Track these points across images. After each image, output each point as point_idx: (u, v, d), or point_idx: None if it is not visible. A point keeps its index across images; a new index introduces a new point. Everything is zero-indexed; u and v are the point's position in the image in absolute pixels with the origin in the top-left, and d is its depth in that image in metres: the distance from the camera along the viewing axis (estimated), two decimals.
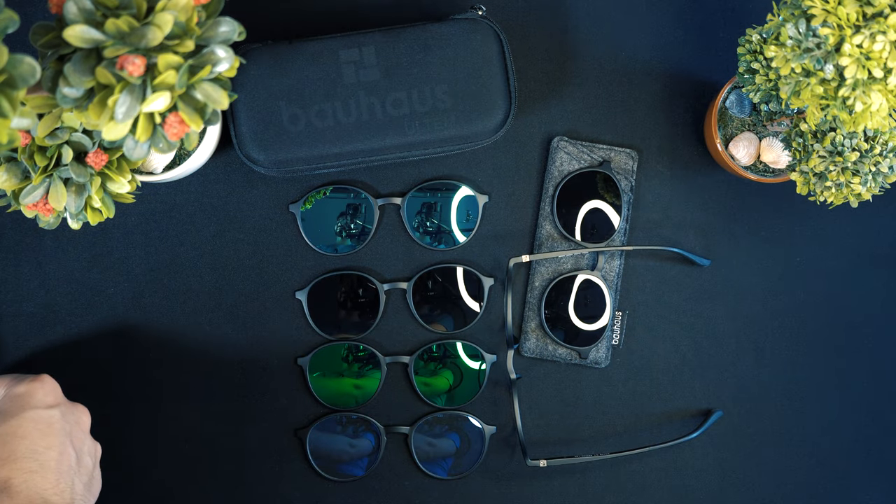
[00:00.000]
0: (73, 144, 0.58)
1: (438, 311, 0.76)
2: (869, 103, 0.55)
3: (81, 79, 0.47)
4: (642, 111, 0.77)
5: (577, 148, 0.76)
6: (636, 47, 0.77)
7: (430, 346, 0.76)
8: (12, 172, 0.58)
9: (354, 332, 0.75)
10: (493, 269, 0.76)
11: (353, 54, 0.70)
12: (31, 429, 0.61)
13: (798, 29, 0.56)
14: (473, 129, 0.71)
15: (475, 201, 0.76)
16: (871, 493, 0.78)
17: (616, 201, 0.76)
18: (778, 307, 0.78)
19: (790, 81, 0.58)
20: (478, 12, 0.72)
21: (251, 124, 0.69)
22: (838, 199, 0.65)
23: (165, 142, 0.52)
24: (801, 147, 0.66)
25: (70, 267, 0.74)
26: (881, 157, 0.63)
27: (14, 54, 0.43)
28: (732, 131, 0.73)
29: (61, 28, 0.47)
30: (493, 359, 0.76)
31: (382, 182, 0.76)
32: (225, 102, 0.52)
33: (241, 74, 0.69)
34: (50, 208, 0.58)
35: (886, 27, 0.52)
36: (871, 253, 0.78)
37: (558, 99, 0.77)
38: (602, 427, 0.77)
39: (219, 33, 0.51)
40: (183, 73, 0.48)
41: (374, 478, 0.76)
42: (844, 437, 0.78)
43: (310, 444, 0.75)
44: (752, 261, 0.78)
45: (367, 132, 0.70)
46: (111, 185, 0.60)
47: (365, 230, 0.75)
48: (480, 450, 0.75)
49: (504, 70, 0.71)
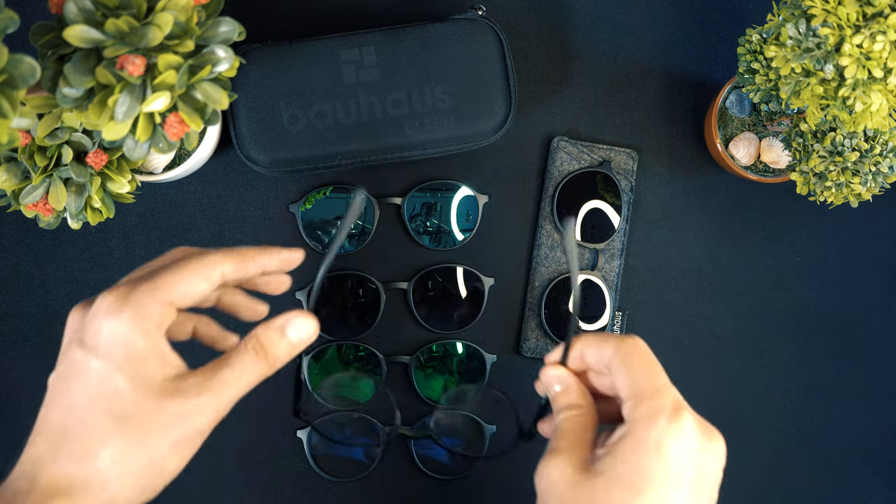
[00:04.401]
0: (73, 144, 0.58)
1: (438, 311, 0.76)
2: (869, 103, 0.55)
3: (81, 79, 0.47)
4: (642, 111, 0.77)
5: (577, 148, 0.76)
6: (636, 47, 0.77)
7: (430, 346, 0.76)
8: (12, 172, 0.58)
9: (354, 332, 0.75)
10: (493, 270, 0.76)
11: (353, 54, 0.70)
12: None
13: (798, 29, 0.56)
14: (473, 129, 0.71)
15: (475, 201, 0.76)
16: (871, 493, 0.78)
17: (616, 201, 0.76)
18: (778, 307, 0.78)
19: (790, 81, 0.58)
20: (478, 12, 0.72)
21: (251, 124, 0.69)
22: (838, 199, 0.65)
23: (165, 142, 0.52)
24: (801, 147, 0.66)
25: (70, 267, 0.75)
26: (881, 157, 0.63)
27: (14, 54, 0.43)
28: (732, 131, 0.73)
29: (61, 28, 0.47)
30: (493, 359, 0.76)
31: (382, 182, 0.76)
32: (225, 102, 0.52)
33: (241, 74, 0.69)
34: (50, 208, 0.58)
35: (886, 27, 0.52)
36: (871, 253, 0.78)
37: (558, 99, 0.77)
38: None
39: (219, 33, 0.51)
40: (183, 73, 0.48)
41: (374, 478, 0.76)
42: (844, 437, 0.78)
43: (310, 444, 0.75)
44: (752, 261, 0.78)
45: (367, 132, 0.70)
46: (111, 185, 0.60)
47: (365, 230, 0.75)
48: (480, 450, 0.75)
49: (504, 70, 0.71)
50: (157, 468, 0.45)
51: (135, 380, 0.44)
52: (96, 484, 0.43)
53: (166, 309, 0.46)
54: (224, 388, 0.46)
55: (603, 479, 0.45)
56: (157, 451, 0.44)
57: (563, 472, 0.46)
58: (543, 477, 0.47)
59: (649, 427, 0.45)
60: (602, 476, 0.45)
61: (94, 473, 0.43)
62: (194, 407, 0.45)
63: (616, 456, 0.45)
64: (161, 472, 0.45)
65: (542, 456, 0.48)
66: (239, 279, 0.50)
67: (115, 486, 0.44)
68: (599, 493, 0.45)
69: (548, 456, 0.47)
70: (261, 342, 0.48)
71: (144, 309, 0.45)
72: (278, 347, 0.48)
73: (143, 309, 0.45)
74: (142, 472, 0.44)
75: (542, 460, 0.48)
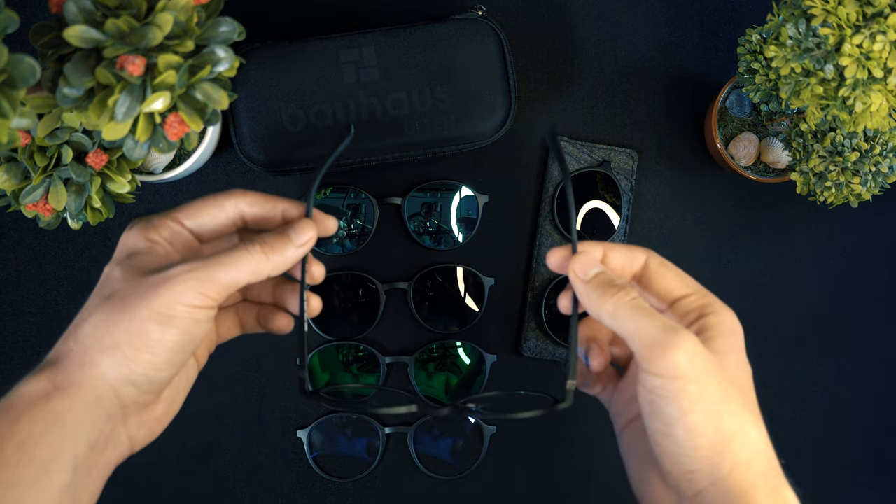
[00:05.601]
0: (73, 144, 0.58)
1: (438, 311, 0.76)
2: (869, 103, 0.55)
3: (81, 79, 0.47)
4: (642, 111, 0.77)
5: (577, 148, 0.76)
6: (636, 47, 0.77)
7: (430, 346, 0.76)
8: (12, 172, 0.58)
9: (354, 332, 0.75)
10: (493, 270, 0.76)
11: (353, 54, 0.70)
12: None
13: (798, 29, 0.56)
14: (473, 129, 0.71)
15: (475, 201, 0.76)
16: (871, 493, 0.78)
17: (616, 201, 0.76)
18: (778, 307, 0.78)
19: (790, 81, 0.58)
20: (478, 12, 0.72)
21: (251, 124, 0.69)
22: (838, 199, 0.65)
23: (165, 142, 0.52)
24: (801, 147, 0.66)
25: (70, 267, 0.74)
26: (881, 157, 0.63)
27: (14, 54, 0.43)
28: (732, 131, 0.73)
29: (61, 28, 0.47)
30: (493, 359, 0.76)
31: (382, 182, 0.76)
32: (225, 102, 0.52)
33: (241, 74, 0.69)
34: (50, 208, 0.58)
35: (886, 27, 0.52)
36: (871, 253, 0.78)
37: (558, 99, 0.77)
38: (602, 425, 0.77)
39: (219, 33, 0.51)
40: (183, 73, 0.48)
41: (374, 478, 0.76)
42: (844, 437, 0.78)
43: (310, 444, 0.75)
44: (751, 261, 0.78)
45: (367, 132, 0.70)
46: (111, 185, 0.60)
47: (365, 230, 0.75)
48: (480, 450, 0.75)
49: (504, 70, 0.71)
50: (139, 337, 0.46)
51: (126, 268, 0.48)
52: (78, 350, 0.47)
53: (175, 225, 0.51)
54: (211, 266, 0.47)
55: (720, 357, 0.47)
56: (135, 316, 0.46)
57: (697, 344, 0.46)
58: (681, 355, 0.44)
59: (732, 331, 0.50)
60: (717, 355, 0.47)
61: (76, 343, 0.47)
62: (173, 275, 0.47)
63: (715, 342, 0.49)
64: (146, 343, 0.46)
65: (646, 345, 0.45)
66: (256, 216, 0.53)
67: (96, 351, 0.46)
68: (729, 370, 0.48)
69: (671, 335, 0.45)
70: (268, 242, 0.50)
71: (151, 223, 0.50)
72: (284, 247, 0.50)
73: (150, 223, 0.50)
74: (122, 337, 0.46)
75: (659, 346, 0.45)
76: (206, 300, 0.47)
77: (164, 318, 0.46)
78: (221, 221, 0.52)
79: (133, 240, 0.50)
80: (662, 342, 0.45)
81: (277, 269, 0.50)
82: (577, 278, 0.49)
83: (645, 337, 0.45)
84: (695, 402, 0.44)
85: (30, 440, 0.44)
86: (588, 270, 0.49)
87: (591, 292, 0.48)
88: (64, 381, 0.46)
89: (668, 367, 0.44)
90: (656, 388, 0.45)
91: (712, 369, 0.45)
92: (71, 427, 0.45)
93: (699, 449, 0.45)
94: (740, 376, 0.49)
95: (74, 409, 0.46)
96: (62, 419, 0.45)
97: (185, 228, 0.51)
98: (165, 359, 0.47)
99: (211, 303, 0.47)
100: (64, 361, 0.47)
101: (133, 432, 0.50)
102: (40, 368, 0.47)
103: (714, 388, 0.45)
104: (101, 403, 0.46)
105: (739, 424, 0.46)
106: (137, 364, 0.46)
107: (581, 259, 0.49)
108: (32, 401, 0.45)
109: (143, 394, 0.48)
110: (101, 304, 0.48)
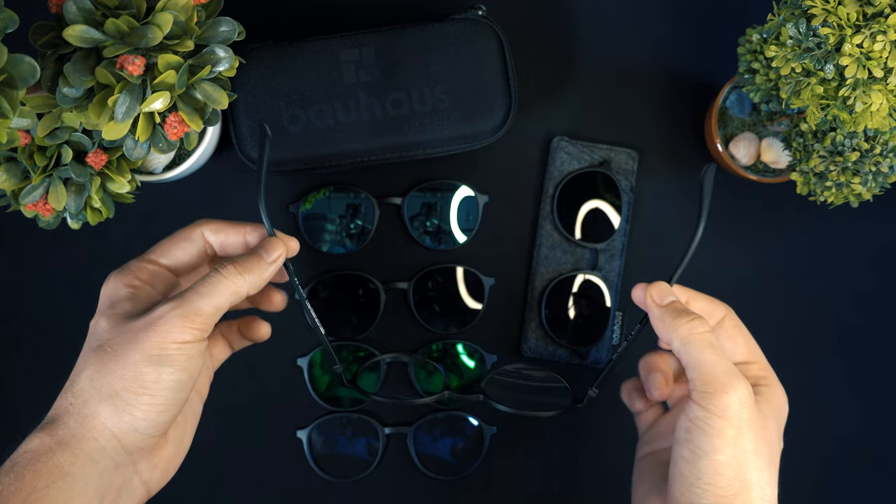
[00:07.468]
0: (73, 144, 0.58)
1: (438, 311, 0.76)
2: (869, 103, 0.55)
3: (81, 79, 0.47)
4: (642, 111, 0.77)
5: (577, 148, 0.76)
6: (636, 47, 0.77)
7: (430, 346, 0.75)
8: (12, 172, 0.58)
9: (354, 332, 0.75)
10: (493, 270, 0.76)
11: (353, 54, 0.70)
12: None
13: (798, 29, 0.56)
14: (473, 129, 0.71)
15: (475, 201, 0.76)
16: (871, 493, 0.78)
17: (616, 201, 0.76)
18: (778, 307, 0.78)
19: (790, 81, 0.58)
20: (478, 12, 0.71)
21: (251, 124, 0.69)
22: (838, 199, 0.65)
23: (165, 142, 0.52)
24: (801, 147, 0.66)
25: (70, 267, 0.74)
26: (881, 157, 0.63)
27: (14, 54, 0.43)
28: (732, 131, 0.73)
29: (61, 28, 0.47)
30: (493, 359, 0.76)
31: (382, 182, 0.76)
32: (225, 102, 0.52)
33: (241, 74, 0.69)
34: (50, 208, 0.58)
35: (886, 27, 0.52)
36: (871, 253, 0.78)
37: (558, 99, 0.77)
38: (603, 427, 0.77)
39: (219, 33, 0.51)
40: (183, 73, 0.48)
41: (374, 478, 0.76)
42: (844, 438, 0.78)
43: (310, 444, 0.75)
44: (752, 261, 0.78)
45: (366, 132, 0.70)
46: (111, 185, 0.60)
47: (365, 230, 0.75)
48: (480, 450, 0.75)
49: (504, 70, 0.71)
50: (136, 381, 0.47)
51: (111, 318, 0.50)
52: (77, 403, 0.48)
53: (151, 266, 0.54)
54: (192, 299, 0.49)
55: (764, 420, 0.52)
56: (129, 362, 0.47)
57: (752, 397, 0.50)
58: (735, 399, 0.48)
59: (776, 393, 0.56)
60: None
61: (74, 397, 0.48)
62: (158, 316, 0.48)
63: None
64: (143, 386, 0.47)
65: (707, 387, 0.48)
66: (221, 243, 0.56)
67: (95, 402, 0.47)
68: (767, 433, 0.52)
69: (732, 378, 0.49)
70: (241, 262, 0.52)
71: (128, 269, 0.53)
72: (257, 264, 0.53)
73: (127, 269, 0.53)
74: (119, 384, 0.47)
75: (717, 384, 0.48)
76: (195, 333, 0.48)
77: (158, 358, 0.47)
78: (193, 253, 0.55)
79: (113, 289, 0.52)
80: (722, 382, 0.48)
81: (255, 287, 0.52)
82: (653, 302, 0.53)
83: (707, 372, 0.49)
84: (727, 444, 0.48)
85: (34, 495, 0.45)
86: (664, 297, 0.54)
87: (665, 315, 0.52)
88: (65, 435, 0.47)
89: (718, 405, 0.48)
90: (698, 420, 0.48)
91: (755, 424, 0.49)
92: (78, 479, 0.46)
93: (715, 486, 0.48)
94: (774, 443, 0.53)
95: (79, 461, 0.46)
96: (67, 472, 0.46)
97: (161, 267, 0.54)
98: (165, 399, 0.48)
99: (200, 335, 0.49)
100: (64, 416, 0.48)
101: (146, 476, 0.51)
102: (42, 426, 0.48)
103: (749, 439, 0.48)
104: (105, 453, 0.47)
105: (759, 479, 0.49)
106: (138, 409, 0.47)
107: (659, 285, 0.54)
108: (36, 457, 0.46)
109: (147, 438, 0.49)
110: (93, 357, 0.49)
